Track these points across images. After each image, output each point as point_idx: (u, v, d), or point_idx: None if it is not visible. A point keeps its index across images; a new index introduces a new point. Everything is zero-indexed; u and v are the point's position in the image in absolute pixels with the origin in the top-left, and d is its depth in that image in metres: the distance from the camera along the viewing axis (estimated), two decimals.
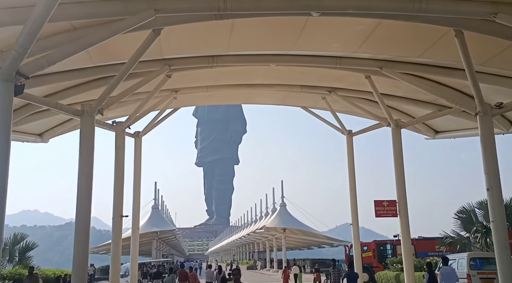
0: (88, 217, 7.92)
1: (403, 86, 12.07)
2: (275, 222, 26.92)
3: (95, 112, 7.93)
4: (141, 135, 15.31)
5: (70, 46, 5.39)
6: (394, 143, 13.17)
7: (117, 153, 11.68)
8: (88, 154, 7.92)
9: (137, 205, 14.97)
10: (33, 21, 4.14)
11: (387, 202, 13.14)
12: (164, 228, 24.76)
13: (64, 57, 5.34)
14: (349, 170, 16.48)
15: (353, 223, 16.20)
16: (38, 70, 5.01)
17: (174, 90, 12.99)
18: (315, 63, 10.24)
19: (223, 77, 11.92)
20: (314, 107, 16.74)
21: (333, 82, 12.47)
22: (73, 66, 8.11)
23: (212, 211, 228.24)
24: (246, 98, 15.70)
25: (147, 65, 9.36)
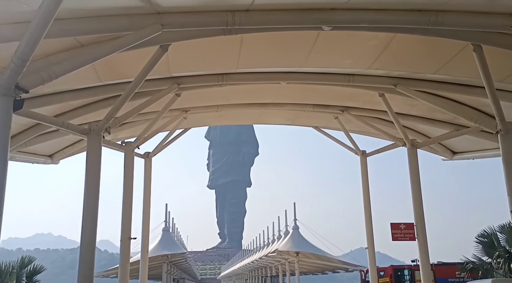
0: (93, 239, 7.65)
1: (418, 104, 11.75)
2: (288, 245, 26.26)
3: (102, 130, 7.76)
4: (151, 156, 15.15)
5: (73, 60, 5.24)
6: (410, 163, 12.75)
7: (126, 173, 11.48)
8: (95, 174, 7.71)
9: (146, 227, 14.68)
10: (32, 31, 3.99)
11: (404, 225, 12.63)
12: (175, 251, 24.31)
13: (66, 71, 5.19)
14: (364, 191, 16.05)
15: (369, 247, 15.65)
16: (39, 84, 4.85)
17: (184, 109, 12.85)
18: (327, 80, 10.01)
19: (233, 96, 11.75)
20: (326, 127, 16.46)
21: (346, 100, 12.21)
22: (81, 85, 8.00)
23: (224, 234, 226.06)
24: (257, 118, 15.51)
25: (156, 83, 9.23)
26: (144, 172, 15.06)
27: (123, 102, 7.39)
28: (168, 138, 15.04)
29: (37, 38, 4.01)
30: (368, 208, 15.89)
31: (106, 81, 8.04)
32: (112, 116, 7.56)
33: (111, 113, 7.52)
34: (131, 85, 7.12)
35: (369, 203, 15.89)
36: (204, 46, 7.25)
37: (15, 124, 10.01)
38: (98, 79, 7.79)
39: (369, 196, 15.99)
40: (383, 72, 9.16)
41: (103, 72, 7.62)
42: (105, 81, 8.02)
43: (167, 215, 25.82)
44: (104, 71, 7.65)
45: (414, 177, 12.61)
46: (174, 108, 12.67)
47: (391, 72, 8.98)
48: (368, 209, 15.90)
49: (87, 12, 5.26)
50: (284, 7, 5.91)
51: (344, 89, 11.03)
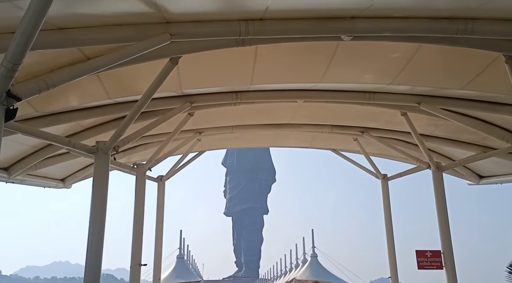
0: (99, 265, 7.17)
1: (443, 124, 11.16)
2: (306, 274, 25.28)
3: (110, 149, 7.39)
4: (164, 179, 14.79)
5: (73, 68, 4.92)
6: (436, 187, 12.05)
7: (137, 196, 11.06)
8: (102, 195, 7.30)
9: (159, 254, 14.17)
10: (23, 28, 3.66)
11: (430, 252, 11.83)
12: (189, 279, 23.57)
13: (65, 80, 4.85)
14: (386, 217, 15.30)
15: (392, 276, 14.81)
16: (35, 93, 4.52)
17: (198, 131, 12.50)
18: (346, 98, 9.54)
19: (248, 116, 11.36)
20: (345, 150, 15.90)
21: (366, 121, 11.69)
22: (90, 102, 7.72)
23: (241, 263, 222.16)
24: (273, 140, 15.06)
25: (167, 102, 8.92)
26: (157, 196, 14.66)
27: (131, 119, 7.04)
28: (182, 161, 14.70)
29: (29, 37, 3.69)
30: (391, 234, 15.10)
31: (116, 98, 7.73)
32: (120, 134, 7.20)
33: (119, 131, 7.17)
34: (140, 100, 6.78)
35: (391, 229, 15.11)
36: (216, 61, 6.92)
37: (23, 146, 9.79)
38: (107, 96, 7.50)
39: (391, 222, 15.22)
40: (406, 89, 8.66)
41: (112, 88, 7.33)
42: (115, 98, 7.71)
43: (182, 241, 25.21)
44: (113, 88, 7.36)
45: (440, 202, 11.89)
46: (187, 129, 12.35)
47: (415, 88, 8.48)
48: (391, 236, 15.11)
49: (91, 20, 4.97)
50: (301, 16, 5.53)
51: (364, 108, 10.55)
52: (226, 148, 18.99)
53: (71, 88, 6.92)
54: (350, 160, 16.04)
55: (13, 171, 10.39)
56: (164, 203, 14.69)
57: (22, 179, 11.42)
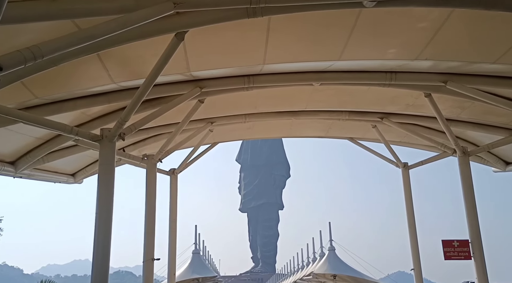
0: (107, 262, 6.73)
1: (469, 106, 10.48)
2: (324, 268, 24.69)
3: (116, 137, 6.94)
4: (176, 172, 14.36)
5: (64, 37, 4.44)
6: (463, 173, 11.36)
7: (148, 189, 10.64)
8: (108, 186, 6.85)
9: (173, 249, 13.77)
10: None
11: (458, 242, 11.17)
12: (206, 274, 23.19)
13: (54, 49, 4.38)
14: (407, 207, 14.65)
15: (415, 268, 14.15)
16: (19, 64, 4.05)
17: (209, 121, 12.00)
18: (366, 80, 8.93)
19: (261, 103, 10.82)
20: (363, 138, 15.25)
21: (386, 105, 11.05)
22: (93, 88, 7.27)
23: (257, 258, 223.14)
24: (288, 130, 14.49)
25: (176, 87, 8.44)
26: (170, 189, 14.25)
27: (137, 102, 6.56)
28: (194, 153, 14.24)
29: None
30: (413, 225, 14.45)
31: (120, 82, 7.27)
32: (125, 120, 6.74)
33: (124, 116, 6.71)
34: (146, 81, 6.29)
35: (413, 219, 14.46)
36: (226, 38, 6.39)
37: (29, 138, 9.41)
38: (111, 79, 7.04)
39: (413, 212, 14.57)
40: (431, 65, 8.01)
41: (115, 71, 6.86)
42: (119, 82, 7.25)
43: (197, 237, 24.86)
44: (117, 71, 6.89)
45: (467, 189, 11.20)
46: (198, 119, 11.88)
47: (441, 64, 7.83)
48: (413, 227, 14.46)
49: None
50: None
51: (385, 90, 9.92)
52: (239, 140, 18.48)
53: (70, 71, 6.48)
54: (369, 149, 15.39)
55: (20, 165, 10.04)
56: (177, 197, 14.27)
57: (30, 174, 11.07)
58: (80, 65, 6.13)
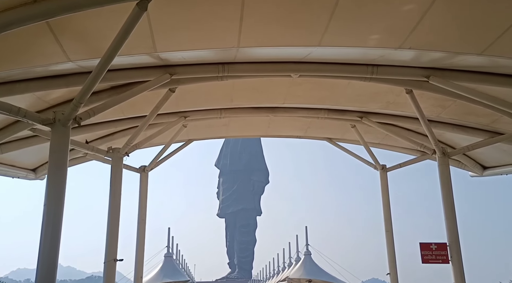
0: (53, 266, 6.04)
1: (451, 105, 10.17)
2: (299, 273, 24.24)
3: (70, 121, 6.26)
4: (147, 170, 13.67)
5: None
6: (442, 174, 11.03)
7: (113, 185, 9.91)
8: (58, 179, 6.17)
9: (141, 250, 13.03)
10: None
11: (435, 245, 10.81)
12: (177, 278, 22.41)
13: None
14: (384, 210, 14.33)
15: (391, 272, 13.80)
16: None
17: (182, 114, 11.39)
18: (346, 72, 8.50)
19: (238, 96, 10.27)
20: (341, 139, 14.89)
21: (366, 102, 10.65)
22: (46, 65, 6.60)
23: (234, 264, 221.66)
24: (265, 128, 13.98)
25: (144, 73, 7.83)
26: (140, 187, 13.55)
27: (94, 81, 5.88)
28: (166, 150, 13.57)
29: None
30: (390, 228, 14.10)
31: (77, 60, 6.57)
32: (80, 101, 6.06)
33: (79, 98, 6.00)
34: (104, 57, 5.64)
35: (390, 223, 14.12)
36: (196, 13, 5.82)
37: None
38: (66, 56, 6.33)
39: (390, 215, 14.25)
40: (414, 57, 7.62)
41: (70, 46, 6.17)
42: (76, 60, 6.54)
43: (170, 239, 24.05)
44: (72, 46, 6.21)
45: (446, 190, 10.87)
46: (170, 112, 11.26)
47: (425, 55, 7.43)
48: (390, 230, 14.11)
49: None
50: None
51: (365, 86, 9.54)
52: (215, 138, 17.78)
53: (18, 46, 5.80)
54: (347, 151, 15.03)
55: None
56: (147, 196, 13.58)
57: None
58: (29, 37, 5.48)
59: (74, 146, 9.69)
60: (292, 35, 6.45)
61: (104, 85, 8.40)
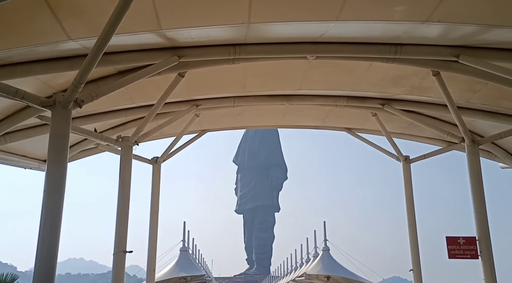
0: (53, 260, 5.65)
1: (481, 89, 9.46)
2: (317, 268, 23.63)
3: (71, 103, 5.86)
4: (160, 161, 13.30)
5: None
6: (471, 164, 10.31)
7: (122, 174, 9.53)
8: (59, 167, 5.76)
9: (153, 242, 12.69)
10: None
11: (463, 239, 10.13)
12: (193, 273, 22.11)
13: None
14: (407, 204, 13.64)
15: (414, 268, 13.15)
16: None
17: (194, 103, 10.94)
18: (367, 53, 7.90)
19: (251, 82, 9.76)
20: (361, 130, 14.23)
21: (389, 87, 10.00)
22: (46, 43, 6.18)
23: (252, 260, 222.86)
24: (281, 118, 13.44)
25: (150, 55, 7.38)
26: (152, 179, 13.18)
27: (95, 58, 5.44)
28: (179, 140, 13.17)
29: None
30: (413, 223, 13.45)
31: (78, 39, 6.15)
32: (81, 81, 5.64)
33: (80, 77, 5.59)
34: (104, 31, 5.19)
35: (413, 217, 13.47)
36: None
37: None
38: (66, 35, 5.91)
39: (413, 209, 13.57)
40: (442, 33, 6.97)
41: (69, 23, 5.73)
42: (77, 39, 6.12)
43: (185, 234, 23.77)
44: (71, 23, 5.78)
45: (476, 181, 10.15)
46: (181, 100, 10.84)
47: (454, 31, 6.77)
48: (413, 224, 13.46)
49: None
50: None
51: (388, 69, 8.93)
52: (229, 129, 17.36)
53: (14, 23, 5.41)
54: (368, 142, 14.38)
55: None
56: (159, 188, 13.20)
57: None
58: (25, 13, 5.08)
59: (83, 134, 9.35)
60: (307, 8, 5.89)
61: (111, 70, 8.02)
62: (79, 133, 8.76)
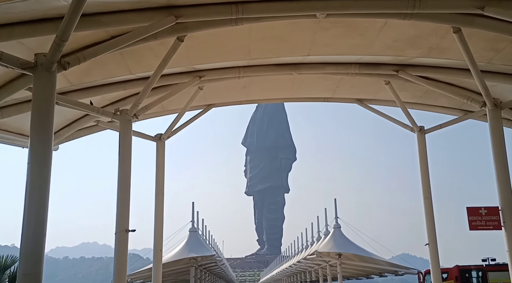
0: (41, 244, 5.17)
1: (505, 48, 8.76)
2: (329, 246, 23.26)
3: (54, 65, 5.29)
4: (163, 138, 12.78)
5: None
6: (494, 130, 9.65)
7: (122, 150, 9.02)
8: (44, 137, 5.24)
9: (159, 222, 12.29)
10: None
11: (485, 209, 9.55)
12: (203, 253, 21.83)
13: None
14: (422, 175, 13.05)
15: (430, 242, 12.61)
16: None
17: (197, 74, 10.33)
18: (383, 8, 7.24)
19: (256, 47, 9.11)
20: (373, 101, 13.57)
21: (405, 49, 9.30)
22: None
23: (263, 241, 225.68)
24: (289, 90, 12.80)
25: (146, 15, 6.77)
26: (156, 156, 12.71)
27: (76, 12, 4.89)
28: (183, 115, 12.59)
29: None
30: (428, 195, 12.89)
31: None
32: (63, 38, 5.08)
33: (62, 33, 5.02)
34: None
35: (429, 189, 12.91)
36: None
37: None
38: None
39: (428, 181, 12.99)
40: None
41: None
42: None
43: (195, 215, 23.42)
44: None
45: (499, 147, 9.51)
46: (183, 72, 10.25)
47: None
48: (428, 197, 12.89)
49: None
50: None
51: (404, 28, 8.27)
52: (235, 103, 16.72)
53: None
54: (380, 113, 13.74)
55: None
56: (164, 166, 12.74)
57: None
58: None
59: (78, 107, 8.83)
60: None
61: (103, 35, 7.39)
62: (74, 105, 8.25)
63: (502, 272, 18.31)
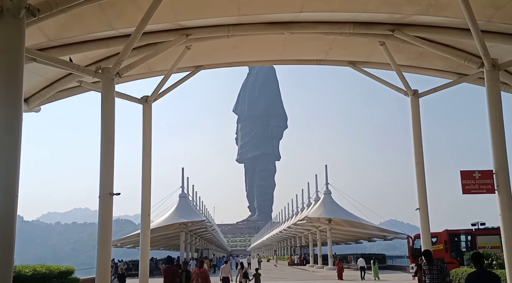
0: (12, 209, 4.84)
1: (506, 5, 8.35)
2: (319, 212, 23.44)
3: (22, 10, 4.82)
4: (150, 100, 12.36)
5: None
6: (491, 91, 9.35)
7: (104, 110, 8.61)
8: (13, 86, 4.81)
9: (147, 186, 12.05)
10: None
11: (479, 172, 9.38)
12: (193, 219, 21.85)
13: None
14: (415, 140, 12.84)
15: (421, 207, 12.57)
16: None
17: (184, 32, 9.80)
18: None
19: (246, 2, 8.60)
20: (367, 63, 13.17)
21: (402, 5, 8.86)
22: None
23: (254, 208, 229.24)
24: (280, 51, 12.31)
25: None
26: (143, 119, 12.35)
27: None
28: (170, 76, 12.12)
29: None
30: (421, 161, 12.73)
31: None
32: None
33: None
34: None
35: (421, 153, 12.76)
36: None
37: None
38: None
39: (421, 145, 12.84)
40: None
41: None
42: None
43: (184, 180, 23.29)
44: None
45: (495, 109, 9.24)
46: (170, 29, 9.72)
47: None
48: (421, 163, 12.74)
49: None
50: None
51: None
52: (224, 65, 16.19)
53: None
54: (373, 76, 13.39)
55: None
56: (151, 129, 12.41)
57: None
58: None
59: (57, 64, 8.33)
60: None
61: None
62: (53, 62, 7.74)
63: (491, 236, 18.52)
